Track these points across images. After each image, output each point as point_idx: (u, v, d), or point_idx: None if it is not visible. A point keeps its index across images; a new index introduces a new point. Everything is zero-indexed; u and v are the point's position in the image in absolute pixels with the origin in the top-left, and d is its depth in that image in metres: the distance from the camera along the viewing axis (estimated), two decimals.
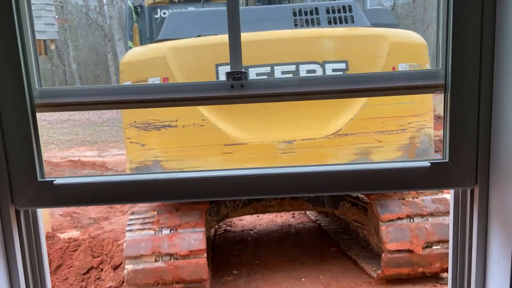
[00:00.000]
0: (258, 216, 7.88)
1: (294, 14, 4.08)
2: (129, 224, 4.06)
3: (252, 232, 6.99)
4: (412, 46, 3.90)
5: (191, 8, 5.74)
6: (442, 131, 1.00)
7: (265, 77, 3.73)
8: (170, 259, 3.93)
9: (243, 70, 0.97)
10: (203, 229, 3.97)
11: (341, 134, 3.80)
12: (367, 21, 4.25)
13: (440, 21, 0.94)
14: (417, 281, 4.70)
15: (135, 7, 5.97)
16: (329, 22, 4.12)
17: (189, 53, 3.79)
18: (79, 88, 1.00)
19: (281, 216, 7.63)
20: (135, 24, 5.94)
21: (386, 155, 3.72)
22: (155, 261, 3.90)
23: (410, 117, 3.83)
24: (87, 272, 4.90)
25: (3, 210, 0.95)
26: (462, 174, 0.95)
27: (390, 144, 3.79)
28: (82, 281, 4.80)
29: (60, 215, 7.90)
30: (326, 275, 5.16)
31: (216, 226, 5.61)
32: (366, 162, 0.86)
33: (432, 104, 4.14)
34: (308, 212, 6.59)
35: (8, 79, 0.91)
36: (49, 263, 4.91)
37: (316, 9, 4.16)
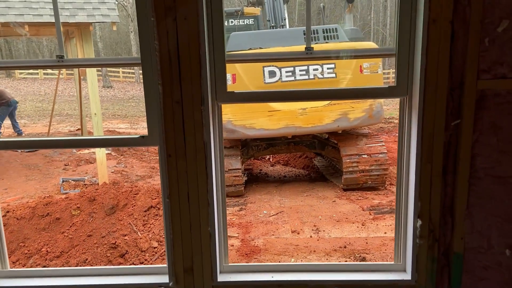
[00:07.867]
0: (281, 180, 9.24)
1: (304, 34, 6.72)
2: None
3: (276, 186, 8.36)
4: None
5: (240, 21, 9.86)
6: None
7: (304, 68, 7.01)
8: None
9: (312, 46, 2.33)
10: (239, 157, 7.28)
11: (332, 103, 6.86)
12: (346, 38, 7.35)
13: (398, 19, 2.28)
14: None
15: None
16: (324, 38, 7.21)
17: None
18: None
19: (299, 177, 8.97)
20: None
21: (356, 115, 7.03)
22: None
23: None
24: (148, 210, 5.90)
25: (213, 104, 2.32)
26: (401, 90, 2.29)
27: (358, 108, 6.92)
28: (144, 217, 5.69)
29: (112, 172, 9.12)
30: (338, 215, 6.53)
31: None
32: (356, 87, 2.05)
33: (382, 83, 7.26)
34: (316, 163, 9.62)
35: None
36: (117, 203, 6.10)
37: (317, 30, 7.33)
